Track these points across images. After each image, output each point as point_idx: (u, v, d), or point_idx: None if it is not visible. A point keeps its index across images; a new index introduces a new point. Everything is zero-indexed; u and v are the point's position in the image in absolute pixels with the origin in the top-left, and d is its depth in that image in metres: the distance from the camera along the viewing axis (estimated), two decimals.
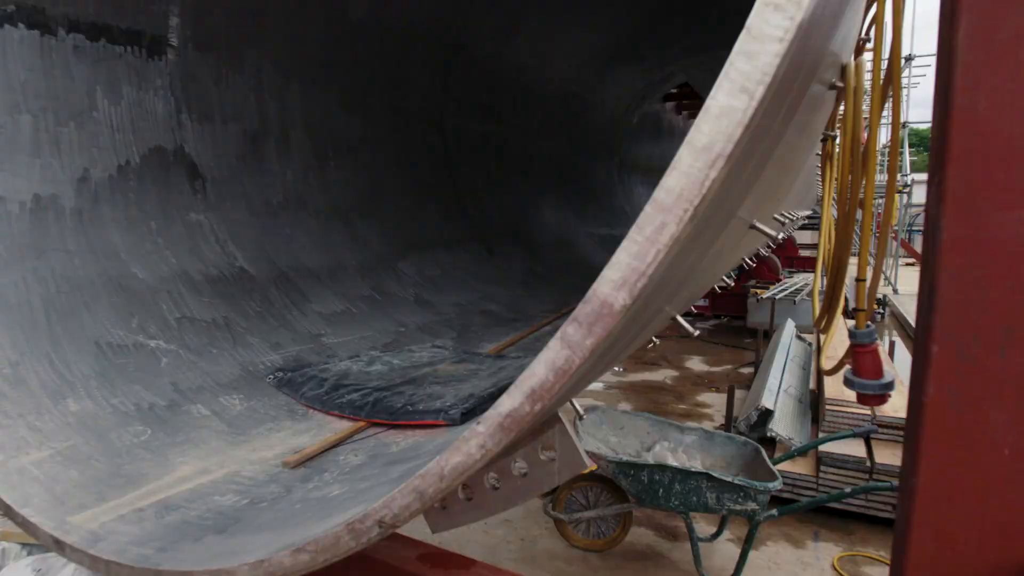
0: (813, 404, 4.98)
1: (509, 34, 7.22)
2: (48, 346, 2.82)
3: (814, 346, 6.79)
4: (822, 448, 3.90)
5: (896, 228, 13.01)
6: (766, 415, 4.28)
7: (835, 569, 3.37)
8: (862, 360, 1.78)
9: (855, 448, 4.00)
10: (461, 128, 6.93)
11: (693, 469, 2.95)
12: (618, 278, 0.95)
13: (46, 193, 3.32)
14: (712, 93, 0.87)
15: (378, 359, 3.64)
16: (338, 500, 1.79)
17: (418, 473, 1.16)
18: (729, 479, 2.96)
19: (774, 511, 3.10)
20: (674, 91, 12.85)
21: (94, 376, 2.78)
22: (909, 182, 12.19)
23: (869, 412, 4.17)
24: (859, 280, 1.76)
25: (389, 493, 1.59)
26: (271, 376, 3.25)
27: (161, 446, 2.50)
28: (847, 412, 4.19)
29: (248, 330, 3.62)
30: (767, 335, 7.72)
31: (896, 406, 4.28)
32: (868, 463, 3.87)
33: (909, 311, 11.58)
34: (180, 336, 3.28)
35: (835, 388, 4.50)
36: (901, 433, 4.05)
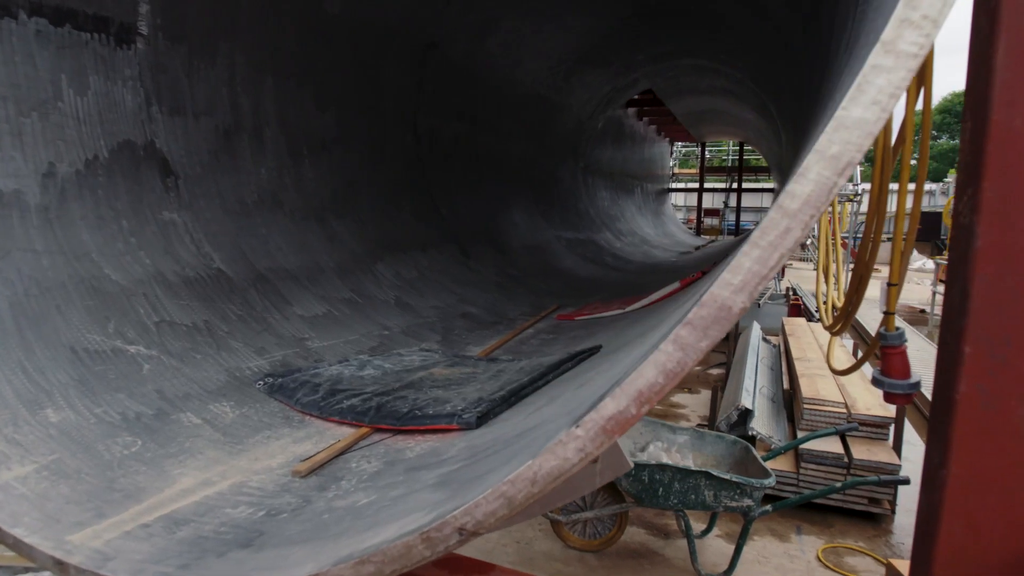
0: (787, 403, 5.15)
1: (483, 34, 7.19)
2: (20, 353, 2.62)
3: (781, 347, 7.03)
4: (801, 445, 4.03)
5: (846, 235, 13.61)
6: (746, 414, 4.40)
7: (820, 561, 3.48)
8: (891, 361, 1.85)
9: (832, 445, 4.16)
10: (434, 128, 6.85)
11: (693, 468, 3.00)
12: (739, 282, 0.94)
13: (8, 188, 3.09)
14: (844, 104, 0.88)
15: (368, 363, 3.54)
16: (372, 509, 1.72)
17: (507, 479, 1.12)
18: (727, 477, 3.02)
19: (768, 507, 3.18)
20: (636, 97, 13.09)
21: (72, 384, 2.60)
22: (860, 191, 12.78)
23: (844, 410, 4.35)
24: (891, 284, 1.82)
25: (436, 500, 1.55)
26: (260, 382, 3.12)
27: (155, 457, 2.36)
28: (823, 411, 4.35)
29: (230, 334, 3.46)
30: (733, 337, 7.95)
31: (868, 404, 4.48)
32: (846, 459, 4.02)
33: (861, 314, 12.11)
34: (160, 341, 3.11)
35: (811, 388, 4.66)
36: (875, 430, 4.25)
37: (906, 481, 3.13)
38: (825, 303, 2.84)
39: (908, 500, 4.22)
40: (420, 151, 6.65)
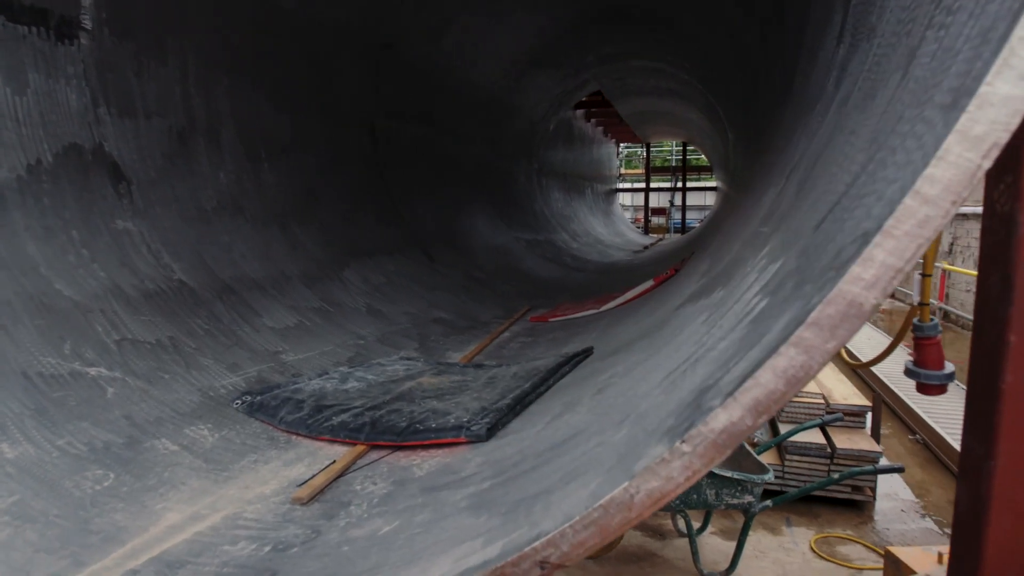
0: None
1: (438, 34, 7.04)
2: None
3: None
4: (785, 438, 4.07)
5: None
6: None
7: (814, 551, 3.52)
8: (927, 352, 1.84)
9: (814, 436, 4.22)
10: (392, 131, 6.66)
11: None
12: (871, 276, 0.86)
13: None
14: (988, 80, 0.81)
15: (350, 375, 3.35)
16: (401, 538, 1.57)
17: (598, 504, 1.00)
18: (728, 474, 3.00)
19: (768, 502, 3.18)
20: (583, 99, 13.17)
21: (28, 414, 2.33)
22: None
23: (822, 401, 4.43)
24: (924, 275, 1.81)
25: (482, 526, 1.42)
26: (238, 401, 2.89)
27: (132, 492, 2.13)
28: (802, 403, 4.42)
29: (199, 350, 3.21)
30: None
31: (844, 394, 4.59)
32: (828, 449, 4.10)
33: None
34: (123, 361, 2.84)
35: None
36: (853, 419, 4.35)
37: (901, 469, 3.20)
38: None
39: (885, 486, 4.35)
40: (379, 154, 6.45)
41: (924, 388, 1.86)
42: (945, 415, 5.21)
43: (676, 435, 1.00)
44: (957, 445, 4.69)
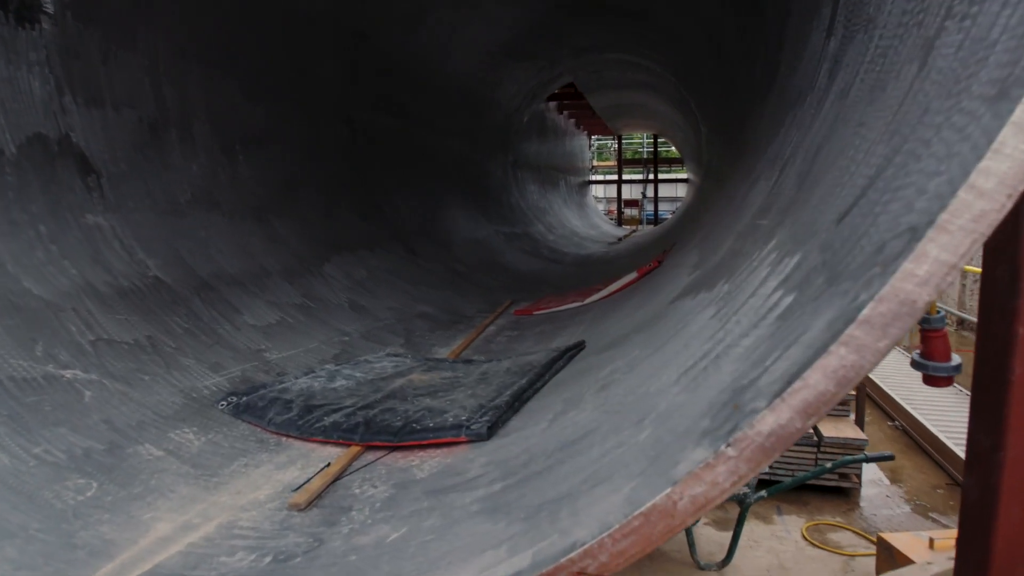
0: None
1: (413, 26, 6.91)
2: None
3: None
4: None
5: None
6: None
7: (806, 539, 3.57)
8: (934, 344, 1.85)
9: None
10: (370, 123, 6.52)
11: None
12: (924, 273, 0.84)
13: None
14: None
15: (338, 373, 3.27)
16: (412, 546, 1.52)
17: (639, 511, 0.97)
18: None
19: (763, 492, 3.21)
20: (556, 91, 13.11)
21: (1, 421, 2.20)
22: None
23: None
24: None
25: (501, 532, 1.37)
26: (223, 402, 2.79)
27: (117, 501, 2.02)
28: None
29: (179, 350, 3.09)
30: None
31: None
32: (815, 437, 4.16)
33: None
34: (100, 362, 2.71)
35: None
36: (838, 407, 4.41)
37: (891, 457, 3.25)
38: None
39: (869, 473, 4.44)
40: (357, 146, 6.31)
41: (931, 380, 1.88)
42: (925, 402, 5.33)
43: (717, 438, 0.96)
44: (937, 432, 4.80)
